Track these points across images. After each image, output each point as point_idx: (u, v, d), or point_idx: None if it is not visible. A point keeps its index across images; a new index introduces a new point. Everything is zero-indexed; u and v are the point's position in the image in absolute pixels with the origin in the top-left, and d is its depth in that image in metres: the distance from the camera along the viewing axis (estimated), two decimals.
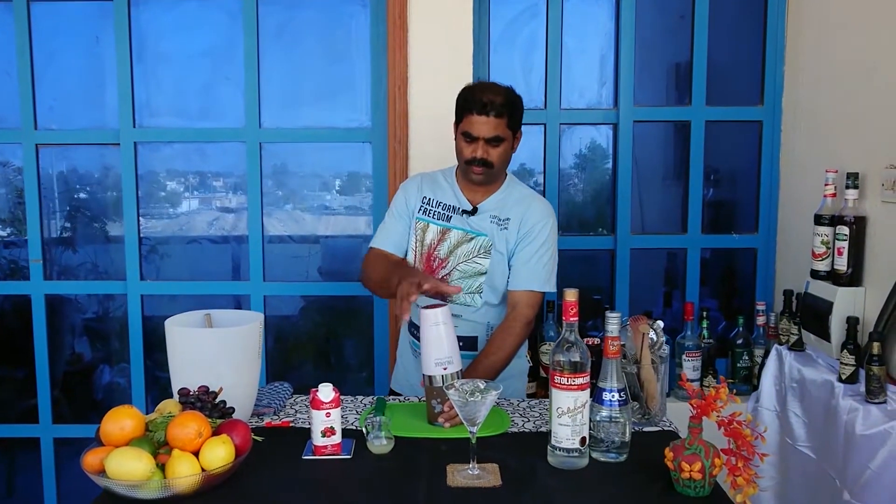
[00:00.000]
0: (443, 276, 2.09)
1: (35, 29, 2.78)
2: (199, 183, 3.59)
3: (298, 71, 2.96)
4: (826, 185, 2.26)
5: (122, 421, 1.44)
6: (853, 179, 2.16)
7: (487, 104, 1.97)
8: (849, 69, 2.35)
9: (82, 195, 3.41)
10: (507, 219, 2.07)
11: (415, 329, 2.13)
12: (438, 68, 2.61)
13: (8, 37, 2.77)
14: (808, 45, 2.63)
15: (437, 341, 1.76)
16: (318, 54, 2.96)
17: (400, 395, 2.21)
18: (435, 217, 2.12)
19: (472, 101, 1.99)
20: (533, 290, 2.06)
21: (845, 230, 2.17)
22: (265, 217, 2.89)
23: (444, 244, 2.10)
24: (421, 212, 2.14)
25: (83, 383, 3.63)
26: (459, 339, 1.94)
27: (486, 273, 2.07)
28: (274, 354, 3.31)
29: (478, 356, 2.00)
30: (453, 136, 2.09)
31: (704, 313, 2.74)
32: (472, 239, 2.08)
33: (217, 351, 1.68)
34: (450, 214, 2.11)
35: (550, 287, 2.08)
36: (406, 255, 2.17)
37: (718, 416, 1.41)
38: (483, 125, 1.98)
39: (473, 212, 2.09)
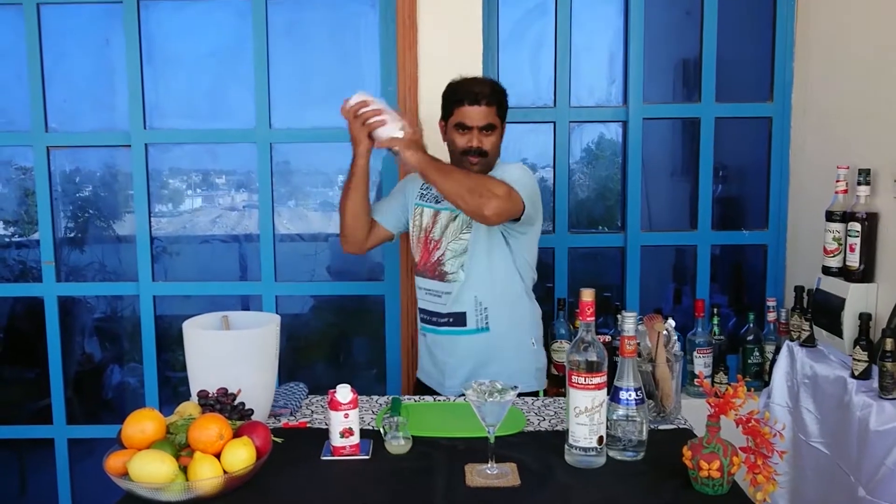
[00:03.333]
0: (439, 258, 2.17)
1: (45, 31, 2.77)
2: (209, 183, 3.60)
3: (308, 71, 2.96)
4: (837, 181, 2.26)
5: (143, 424, 1.45)
6: (865, 176, 2.16)
7: (479, 94, 2.09)
8: (859, 64, 2.35)
9: (90, 196, 3.42)
10: None
11: (424, 315, 2.24)
12: (448, 67, 2.57)
13: (18, 39, 2.77)
14: (818, 41, 2.63)
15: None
16: (328, 54, 2.96)
17: (428, 388, 2.28)
18: (429, 200, 2.22)
19: (463, 92, 2.11)
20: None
21: (857, 226, 2.17)
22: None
23: (437, 226, 2.18)
24: (418, 197, 2.25)
25: (94, 383, 3.65)
26: (448, 315, 2.14)
27: (468, 249, 2.12)
28: (285, 354, 3.32)
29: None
30: (441, 132, 2.20)
31: (715, 310, 2.75)
32: (456, 217, 2.15)
33: (235, 353, 1.69)
34: (440, 197, 2.16)
35: (519, 190, 2.03)
36: (387, 225, 2.28)
37: (737, 415, 1.42)
38: (476, 114, 2.08)
39: None
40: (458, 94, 2.12)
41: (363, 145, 2.05)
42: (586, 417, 1.52)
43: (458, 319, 2.15)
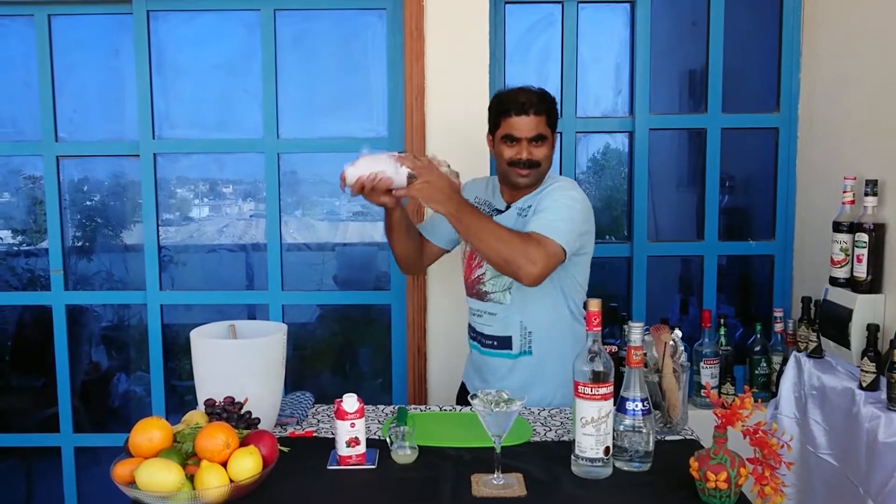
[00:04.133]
0: (479, 276, 2.12)
1: (55, 42, 2.80)
2: (216, 193, 3.63)
3: (315, 81, 2.98)
4: (844, 192, 2.26)
5: (150, 432, 1.45)
6: (872, 186, 2.16)
7: (526, 103, 1.99)
8: (866, 75, 2.35)
9: (98, 205, 3.44)
10: (529, 206, 2.05)
11: (470, 331, 2.21)
12: (455, 78, 2.62)
13: (29, 50, 2.80)
14: (825, 51, 2.63)
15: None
16: (335, 65, 2.98)
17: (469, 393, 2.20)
18: None
19: (510, 102, 2.01)
20: (537, 231, 1.90)
21: (864, 237, 2.17)
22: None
23: None
24: None
25: (101, 392, 3.67)
26: (493, 338, 2.09)
27: None
28: (291, 363, 3.33)
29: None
30: (490, 146, 2.12)
31: (722, 320, 2.74)
32: None
33: (242, 362, 1.70)
34: (490, 212, 2.12)
35: (559, 239, 1.90)
36: (438, 242, 2.24)
37: (744, 426, 1.42)
38: (525, 124, 1.99)
39: (506, 209, 2.10)
40: (504, 104, 2.02)
41: (388, 204, 1.97)
42: (592, 428, 1.52)
43: (502, 343, 2.10)
